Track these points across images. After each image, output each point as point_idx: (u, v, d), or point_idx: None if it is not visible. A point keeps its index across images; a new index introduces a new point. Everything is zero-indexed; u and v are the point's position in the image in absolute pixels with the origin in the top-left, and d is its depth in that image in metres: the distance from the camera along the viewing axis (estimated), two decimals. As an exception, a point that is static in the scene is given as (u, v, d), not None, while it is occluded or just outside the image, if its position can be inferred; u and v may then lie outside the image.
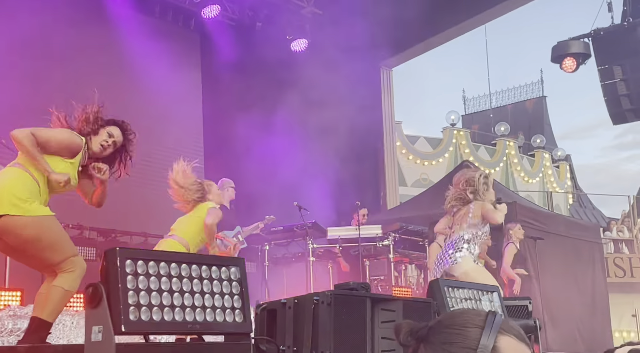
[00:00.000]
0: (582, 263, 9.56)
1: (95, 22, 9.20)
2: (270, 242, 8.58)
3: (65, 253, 3.41)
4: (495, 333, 1.19)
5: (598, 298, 9.57)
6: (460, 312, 1.26)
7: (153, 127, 9.69)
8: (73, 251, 3.49)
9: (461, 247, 5.33)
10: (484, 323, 1.20)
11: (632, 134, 57.32)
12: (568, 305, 9.14)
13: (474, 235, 5.34)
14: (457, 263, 5.28)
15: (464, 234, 5.43)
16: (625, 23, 9.66)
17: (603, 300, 9.73)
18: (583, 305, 9.38)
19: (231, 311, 2.22)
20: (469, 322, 1.22)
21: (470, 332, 1.20)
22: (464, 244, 5.32)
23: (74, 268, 3.37)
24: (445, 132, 18.30)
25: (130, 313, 1.98)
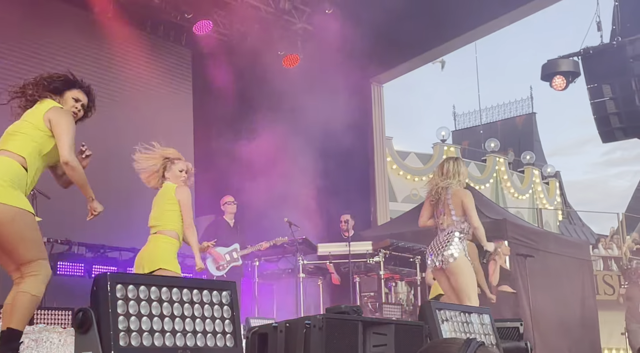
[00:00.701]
0: (571, 281, 9.58)
1: (86, 36, 9.19)
2: (260, 258, 8.56)
3: (38, 254, 3.35)
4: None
5: (588, 316, 9.59)
6: (437, 343, 1.26)
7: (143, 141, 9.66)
8: (44, 254, 3.44)
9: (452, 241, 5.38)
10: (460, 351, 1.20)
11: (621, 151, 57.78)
12: (558, 322, 9.15)
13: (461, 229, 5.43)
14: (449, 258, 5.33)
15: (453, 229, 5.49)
16: (614, 42, 9.73)
17: (593, 317, 9.74)
18: (573, 322, 9.39)
19: (222, 335, 2.20)
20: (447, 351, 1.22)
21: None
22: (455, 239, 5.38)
23: (39, 272, 3.30)
24: (435, 148, 18.36)
25: (121, 339, 1.96)
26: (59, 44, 8.93)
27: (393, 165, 16.41)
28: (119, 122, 9.52)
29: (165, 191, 5.33)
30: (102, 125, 9.22)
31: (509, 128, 24.20)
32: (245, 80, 10.13)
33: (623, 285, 8.62)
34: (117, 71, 9.49)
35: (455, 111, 25.86)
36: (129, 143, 9.44)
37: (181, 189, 5.28)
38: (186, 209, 5.20)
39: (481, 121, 24.49)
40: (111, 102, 9.46)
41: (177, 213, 5.18)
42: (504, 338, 3.27)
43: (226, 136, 9.72)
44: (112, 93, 9.49)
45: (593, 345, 9.51)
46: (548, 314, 8.91)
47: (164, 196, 5.30)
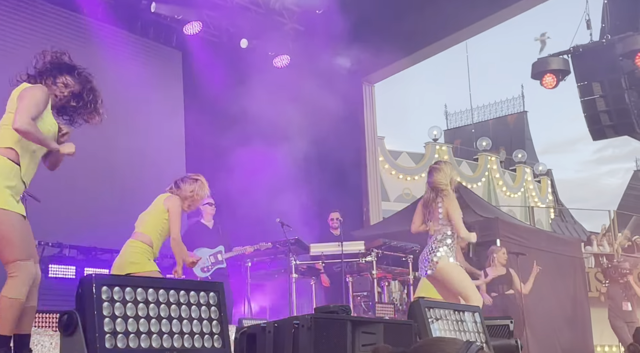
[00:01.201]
0: (563, 278, 9.60)
1: (74, 38, 9.15)
2: (252, 259, 8.55)
3: (17, 254, 3.26)
4: None
5: (580, 313, 9.61)
6: (436, 340, 1.25)
7: (134, 144, 9.64)
8: (24, 255, 3.33)
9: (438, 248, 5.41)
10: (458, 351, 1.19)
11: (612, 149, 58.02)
12: (550, 319, 9.17)
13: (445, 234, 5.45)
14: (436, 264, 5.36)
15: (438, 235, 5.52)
16: (603, 40, 9.77)
17: (585, 314, 9.77)
18: (565, 319, 9.42)
19: (210, 336, 2.19)
20: (445, 351, 1.21)
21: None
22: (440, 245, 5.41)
23: (18, 273, 3.21)
24: (427, 147, 18.39)
25: (107, 341, 1.95)
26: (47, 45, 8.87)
27: (385, 165, 16.42)
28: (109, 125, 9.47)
29: (157, 199, 5.26)
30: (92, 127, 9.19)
31: (500, 127, 24.27)
32: (235, 80, 10.11)
33: (604, 283, 8.66)
34: (107, 73, 9.43)
35: (446, 110, 25.92)
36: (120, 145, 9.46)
37: (171, 198, 5.19)
38: (173, 219, 5.07)
39: (473, 119, 24.56)
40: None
41: (158, 220, 5.08)
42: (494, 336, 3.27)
43: (217, 136, 9.70)
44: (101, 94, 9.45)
45: (585, 342, 9.53)
46: (540, 311, 8.93)
47: (153, 203, 5.23)
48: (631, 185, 25.52)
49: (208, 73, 10.00)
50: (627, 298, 8.62)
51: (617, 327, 8.64)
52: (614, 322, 8.65)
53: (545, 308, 9.12)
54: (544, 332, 8.93)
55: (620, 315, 8.62)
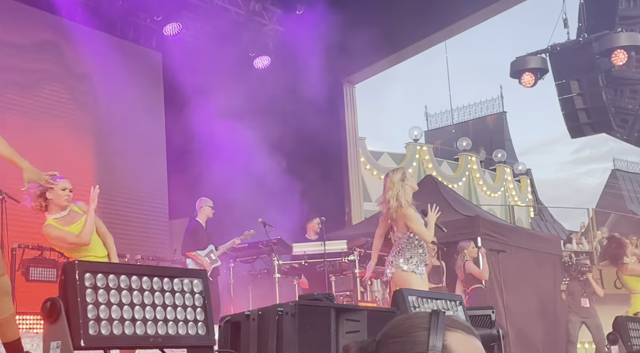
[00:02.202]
0: (543, 275, 9.69)
1: (53, 40, 9.09)
2: (235, 259, 8.53)
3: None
4: (442, 332, 1.17)
5: (559, 310, 9.70)
6: (404, 318, 1.23)
7: (115, 147, 9.59)
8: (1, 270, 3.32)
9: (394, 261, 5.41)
10: (429, 323, 1.18)
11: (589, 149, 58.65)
12: (530, 316, 9.25)
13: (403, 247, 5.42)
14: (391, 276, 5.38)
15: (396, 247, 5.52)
16: (580, 39, 9.91)
17: (564, 310, 9.86)
18: (545, 316, 9.50)
19: (194, 323, 2.19)
20: (415, 326, 1.20)
21: (417, 336, 1.18)
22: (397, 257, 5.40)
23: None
24: (408, 147, 18.48)
25: (90, 328, 1.94)
26: (25, 47, 8.82)
27: (367, 165, 16.47)
28: (89, 126, 9.43)
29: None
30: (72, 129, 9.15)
31: (480, 127, 24.46)
32: (216, 82, 10.09)
33: (564, 280, 8.78)
34: (86, 75, 9.40)
35: (427, 111, 26.07)
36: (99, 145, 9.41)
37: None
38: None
39: (453, 120, 24.73)
40: (81, 106, 9.37)
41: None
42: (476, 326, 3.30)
43: (198, 137, 9.68)
44: (81, 97, 9.40)
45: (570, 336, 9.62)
46: (520, 307, 9.01)
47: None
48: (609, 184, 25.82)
49: (188, 74, 9.98)
50: (586, 295, 8.76)
51: (571, 322, 8.78)
52: (569, 316, 8.80)
53: (525, 304, 9.20)
54: (524, 327, 9.01)
55: (578, 312, 8.77)
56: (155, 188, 10.05)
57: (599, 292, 8.98)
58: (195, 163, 9.61)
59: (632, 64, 9.90)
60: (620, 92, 10.22)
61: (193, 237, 7.92)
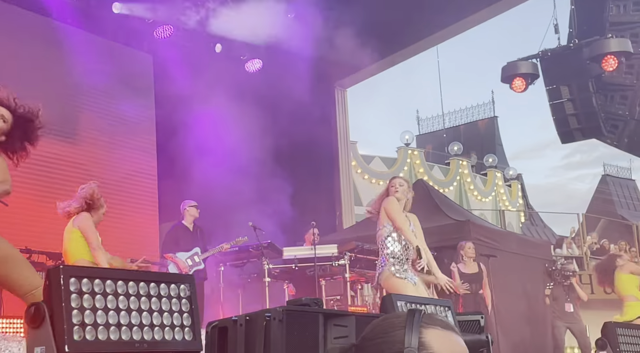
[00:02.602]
0: (533, 280, 9.70)
1: (43, 41, 9.05)
2: (225, 263, 8.51)
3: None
4: (417, 329, 1.16)
5: (549, 315, 9.72)
6: (382, 319, 1.23)
7: (104, 150, 9.55)
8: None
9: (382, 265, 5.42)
10: (405, 323, 1.18)
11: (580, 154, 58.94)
12: (520, 321, 9.26)
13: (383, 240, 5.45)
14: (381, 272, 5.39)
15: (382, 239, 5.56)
16: (571, 44, 9.95)
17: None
18: (535, 321, 9.51)
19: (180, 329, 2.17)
20: (391, 326, 1.20)
21: (394, 336, 1.18)
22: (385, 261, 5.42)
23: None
24: (399, 152, 18.49)
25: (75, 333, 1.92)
26: (14, 49, 8.77)
27: (358, 169, 16.48)
28: (80, 129, 9.39)
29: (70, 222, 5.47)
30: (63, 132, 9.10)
31: (471, 132, 24.52)
32: (207, 85, 10.07)
33: (549, 285, 8.80)
34: (76, 77, 9.35)
35: (418, 115, 26.11)
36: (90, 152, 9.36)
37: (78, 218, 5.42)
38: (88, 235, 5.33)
39: (444, 125, 24.77)
40: (71, 109, 9.32)
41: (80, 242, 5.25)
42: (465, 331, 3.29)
43: (189, 141, 9.65)
44: (72, 99, 9.35)
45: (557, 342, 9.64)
46: (510, 312, 9.02)
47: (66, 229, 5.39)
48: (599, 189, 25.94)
49: (179, 78, 9.95)
50: (570, 300, 8.79)
51: (556, 327, 8.81)
52: (554, 322, 8.82)
53: (515, 309, 9.21)
54: (514, 331, 9.01)
55: (562, 317, 8.79)
56: (146, 191, 10.01)
57: (583, 297, 9.01)
58: (186, 166, 9.58)
59: (622, 70, 9.96)
60: (610, 98, 10.27)
61: (173, 239, 7.89)
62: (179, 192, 9.24)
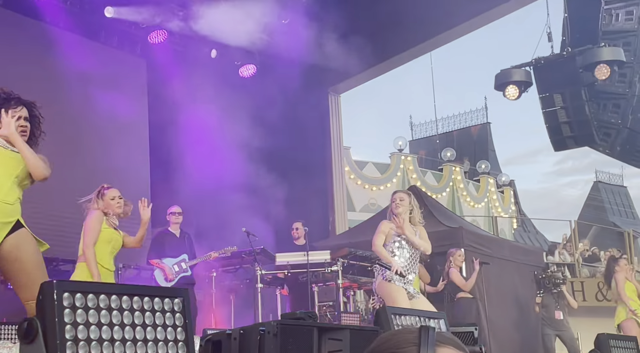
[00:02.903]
0: (526, 287, 9.72)
1: (37, 45, 9.01)
2: (217, 269, 8.48)
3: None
4: (432, 348, 1.17)
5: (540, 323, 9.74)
6: (391, 334, 1.23)
7: (98, 154, 9.51)
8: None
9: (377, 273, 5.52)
10: (418, 339, 1.18)
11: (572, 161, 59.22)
12: (513, 327, 9.28)
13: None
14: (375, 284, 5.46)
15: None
16: (564, 52, 10.00)
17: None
18: (527, 328, 9.53)
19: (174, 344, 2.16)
20: (403, 341, 1.20)
21: (406, 351, 1.18)
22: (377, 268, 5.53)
23: None
24: (393, 157, 18.51)
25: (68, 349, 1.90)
26: (7, 54, 8.73)
27: (351, 175, 16.48)
28: (73, 133, 9.35)
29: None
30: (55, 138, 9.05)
31: (464, 138, 24.58)
32: (200, 90, 10.06)
33: (539, 293, 8.82)
34: (70, 81, 9.31)
35: (412, 121, 26.15)
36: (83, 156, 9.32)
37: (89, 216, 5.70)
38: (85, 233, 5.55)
39: (437, 130, 24.82)
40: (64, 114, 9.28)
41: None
42: (460, 342, 3.29)
43: (182, 146, 9.63)
44: (65, 104, 9.31)
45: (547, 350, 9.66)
46: (503, 319, 9.04)
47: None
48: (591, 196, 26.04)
49: (173, 82, 9.93)
50: (560, 308, 8.81)
51: (546, 335, 8.82)
52: (544, 330, 8.83)
53: (508, 315, 9.22)
54: (506, 339, 9.03)
55: (552, 325, 8.80)
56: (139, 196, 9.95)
57: (573, 304, 9.03)
58: (179, 171, 9.56)
59: (615, 79, 10.00)
60: (603, 106, 10.31)
61: (157, 245, 7.85)
62: (172, 196, 9.22)
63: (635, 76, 10.22)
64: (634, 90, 10.13)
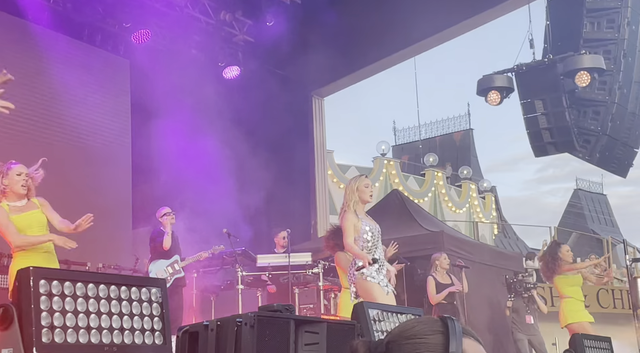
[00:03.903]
0: (505, 292, 9.78)
1: (18, 43, 8.95)
2: (198, 270, 8.46)
3: None
4: (460, 337, 1.22)
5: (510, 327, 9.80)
6: (416, 322, 1.28)
7: (79, 155, 9.46)
8: None
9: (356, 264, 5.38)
10: (442, 328, 1.23)
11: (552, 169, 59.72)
12: (492, 331, 9.32)
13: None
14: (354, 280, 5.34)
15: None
16: (546, 59, 10.09)
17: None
18: (506, 333, 9.58)
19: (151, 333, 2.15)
20: (429, 329, 1.25)
21: (432, 338, 1.23)
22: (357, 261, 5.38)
23: None
24: (375, 161, 18.57)
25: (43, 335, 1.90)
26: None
27: (334, 178, 16.51)
28: (54, 132, 9.30)
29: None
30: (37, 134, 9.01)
31: (447, 144, 24.72)
32: (184, 91, 10.04)
33: (510, 297, 8.85)
34: (52, 80, 9.26)
35: (395, 126, 26.26)
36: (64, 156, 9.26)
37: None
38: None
39: (420, 136, 24.95)
40: (46, 112, 9.23)
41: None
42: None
43: (164, 146, 9.60)
44: (47, 102, 9.26)
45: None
46: (483, 323, 9.09)
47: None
48: (571, 203, 26.26)
49: (156, 82, 9.91)
50: (530, 312, 8.85)
51: (518, 340, 8.85)
52: (516, 335, 8.85)
53: (487, 319, 9.27)
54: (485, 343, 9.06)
55: (523, 329, 8.82)
56: (120, 196, 9.92)
57: (543, 309, 9.07)
58: (161, 172, 9.53)
59: (595, 86, 10.11)
60: (583, 113, 10.41)
61: (157, 246, 7.83)
62: (153, 198, 9.19)
63: (615, 84, 10.33)
64: (614, 97, 10.24)
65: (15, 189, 4.76)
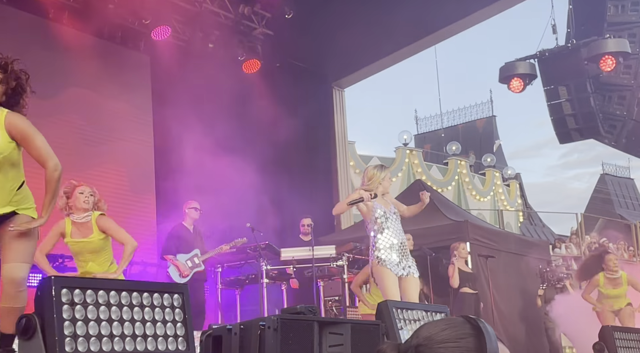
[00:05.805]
0: (533, 280, 9.70)
1: (39, 42, 9.00)
2: (223, 264, 8.49)
3: None
4: (495, 340, 1.23)
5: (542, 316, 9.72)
6: (445, 324, 1.26)
7: (102, 150, 9.52)
8: None
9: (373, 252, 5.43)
10: (472, 330, 1.22)
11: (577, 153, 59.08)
12: (520, 321, 9.26)
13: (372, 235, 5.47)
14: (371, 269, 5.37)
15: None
16: (569, 44, 9.93)
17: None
18: (534, 322, 9.51)
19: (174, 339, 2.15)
20: (460, 332, 1.23)
21: (464, 342, 1.22)
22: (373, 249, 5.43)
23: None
24: (398, 152, 18.47)
25: (67, 345, 1.90)
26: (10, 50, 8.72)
27: (356, 169, 16.46)
28: (77, 130, 9.36)
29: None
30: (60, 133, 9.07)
31: (469, 131, 24.51)
32: (205, 86, 10.04)
33: (542, 286, 8.75)
34: (73, 78, 9.31)
35: (417, 114, 26.09)
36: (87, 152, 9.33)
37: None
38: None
39: (442, 124, 24.78)
40: (68, 110, 9.30)
41: None
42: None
43: (186, 142, 9.62)
44: (69, 100, 9.32)
45: (553, 343, 9.64)
46: (510, 313, 9.02)
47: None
48: (597, 188, 25.93)
49: (177, 78, 9.92)
50: None
51: (549, 328, 8.77)
52: (547, 324, 8.77)
53: (515, 309, 9.20)
54: (514, 332, 9.00)
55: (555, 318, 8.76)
56: (143, 191, 9.98)
57: None
58: (184, 166, 9.56)
59: (620, 70, 9.93)
60: (608, 98, 10.25)
61: (173, 240, 7.88)
62: (177, 192, 9.23)
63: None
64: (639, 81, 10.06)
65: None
